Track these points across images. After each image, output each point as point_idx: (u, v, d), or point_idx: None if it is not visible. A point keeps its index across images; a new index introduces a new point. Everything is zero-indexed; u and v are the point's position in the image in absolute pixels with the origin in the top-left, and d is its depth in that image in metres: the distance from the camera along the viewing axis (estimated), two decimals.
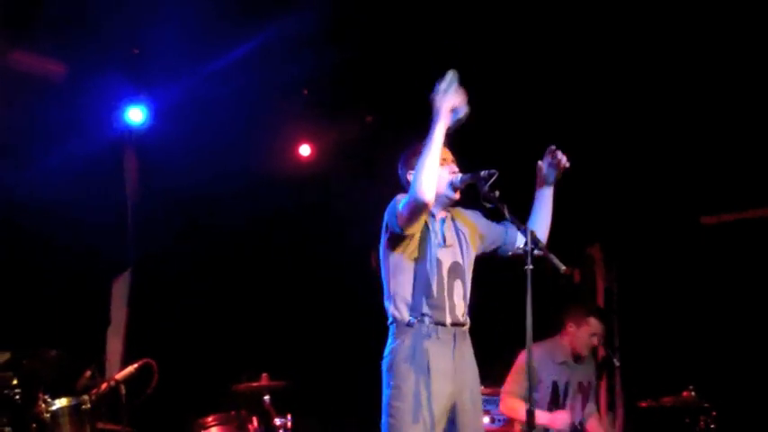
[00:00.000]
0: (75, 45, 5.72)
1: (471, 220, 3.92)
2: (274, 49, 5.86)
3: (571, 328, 5.26)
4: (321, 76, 6.27)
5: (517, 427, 5.34)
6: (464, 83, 3.57)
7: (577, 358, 5.27)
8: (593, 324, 5.25)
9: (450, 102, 3.51)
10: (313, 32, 5.71)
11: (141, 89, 6.29)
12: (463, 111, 3.55)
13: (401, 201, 3.63)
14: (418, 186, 3.50)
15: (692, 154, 6.18)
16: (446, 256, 3.72)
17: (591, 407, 5.37)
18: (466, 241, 3.83)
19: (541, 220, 3.89)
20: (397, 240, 3.69)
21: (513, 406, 5.09)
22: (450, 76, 3.54)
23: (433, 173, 3.53)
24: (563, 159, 3.78)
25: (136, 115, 6.33)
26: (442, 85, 3.53)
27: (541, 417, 4.90)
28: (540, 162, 3.85)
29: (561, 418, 5.04)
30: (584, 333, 5.24)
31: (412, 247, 3.68)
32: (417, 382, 3.54)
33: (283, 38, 5.74)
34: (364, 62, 6.09)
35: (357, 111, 6.85)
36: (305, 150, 7.21)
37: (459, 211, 3.92)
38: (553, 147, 3.78)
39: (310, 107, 6.74)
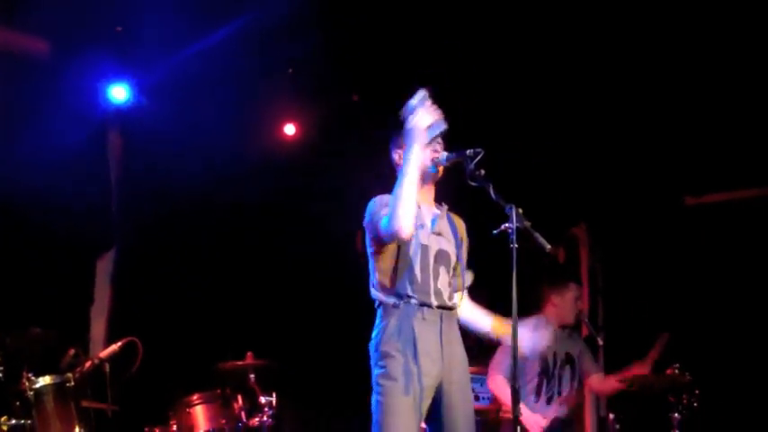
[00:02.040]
0: (59, 22, 5.66)
1: (465, 239, 3.90)
2: (260, 28, 5.82)
3: (556, 299, 5.36)
4: (307, 55, 6.24)
5: (504, 410, 5.39)
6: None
7: (564, 328, 5.34)
8: (574, 288, 5.42)
9: (424, 120, 3.43)
10: (299, 11, 5.67)
11: (125, 67, 6.25)
12: (441, 127, 3.46)
13: (383, 209, 3.58)
14: (395, 221, 3.44)
15: (676, 135, 6.20)
16: (433, 243, 3.70)
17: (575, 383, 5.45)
18: (459, 238, 3.83)
19: (477, 323, 3.89)
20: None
21: (500, 384, 5.14)
22: (421, 94, 3.46)
23: (411, 204, 3.46)
24: None
25: (119, 94, 6.29)
26: (413, 103, 3.45)
27: (522, 411, 4.92)
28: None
29: (537, 422, 5.08)
30: (568, 300, 5.37)
31: None
32: (404, 359, 3.53)
33: (269, 16, 5.70)
34: (351, 41, 6.06)
35: (343, 90, 6.82)
36: (290, 130, 7.17)
37: (462, 221, 3.92)
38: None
39: (296, 86, 6.71)
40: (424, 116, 3.44)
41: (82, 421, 4.69)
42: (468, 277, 3.86)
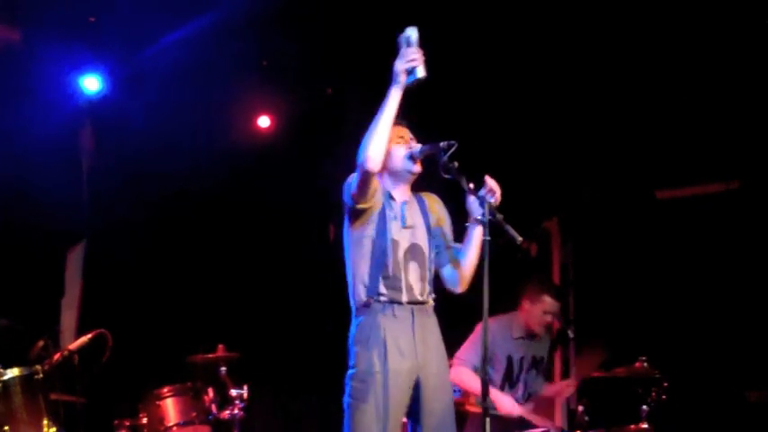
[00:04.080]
0: (31, 12, 5.61)
1: (443, 213, 3.89)
2: (234, 20, 5.80)
3: (526, 304, 5.27)
4: (281, 48, 6.23)
5: (471, 401, 5.38)
6: (426, 50, 3.51)
7: (532, 335, 5.30)
8: (548, 302, 5.23)
9: (405, 63, 3.41)
10: (274, 2, 5.66)
11: (98, 58, 6.20)
12: (420, 72, 3.41)
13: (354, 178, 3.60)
14: (364, 151, 3.45)
15: (647, 129, 6.24)
16: (404, 237, 3.70)
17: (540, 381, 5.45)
18: (430, 226, 3.82)
19: (465, 261, 3.77)
20: (354, 216, 3.66)
21: (463, 376, 5.10)
22: (409, 32, 3.45)
23: (382, 139, 3.46)
24: (495, 188, 3.54)
25: (92, 84, 6.25)
26: (402, 41, 3.43)
27: (492, 393, 4.84)
28: (470, 197, 3.61)
29: (508, 403, 5.07)
30: (537, 310, 5.22)
31: (370, 227, 3.65)
32: (374, 360, 3.54)
33: (244, 8, 5.68)
34: (325, 33, 6.04)
35: (317, 82, 6.81)
36: (264, 122, 7.15)
37: (435, 198, 3.91)
38: (487, 178, 3.56)
39: (270, 79, 6.68)
40: (405, 59, 3.41)
41: (50, 414, 4.64)
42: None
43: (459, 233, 3.88)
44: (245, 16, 5.77)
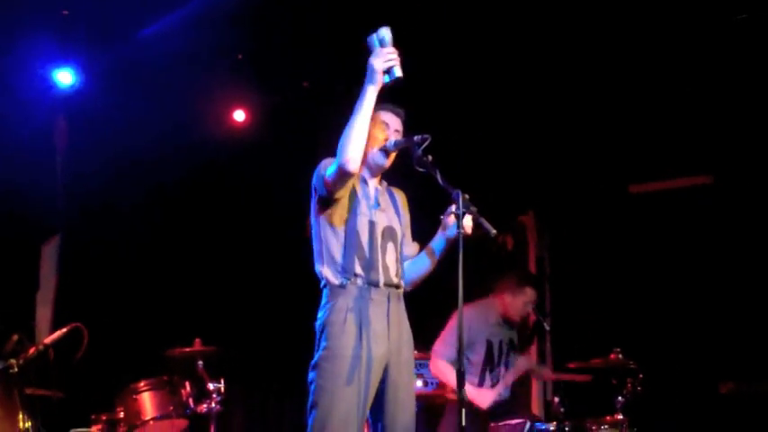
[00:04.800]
0: (3, 5, 5.57)
1: (406, 211, 3.90)
2: (209, 13, 5.77)
3: (507, 297, 5.36)
4: (257, 41, 6.21)
5: (449, 390, 5.42)
6: (402, 45, 3.51)
7: (508, 322, 5.38)
8: (529, 293, 5.39)
9: (382, 62, 3.39)
10: None
11: (71, 51, 6.16)
12: (398, 72, 3.40)
13: (328, 166, 3.58)
14: (343, 154, 3.44)
15: (621, 124, 6.28)
16: (380, 219, 3.71)
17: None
18: (400, 214, 3.84)
19: (421, 263, 3.81)
20: (325, 203, 3.64)
21: (443, 369, 5.16)
22: (383, 33, 3.43)
23: (360, 139, 3.45)
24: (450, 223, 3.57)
25: (65, 77, 6.21)
26: (376, 37, 3.42)
27: (468, 390, 4.92)
28: (443, 216, 3.65)
29: (485, 395, 5.13)
30: (519, 302, 5.37)
31: (342, 209, 3.64)
32: (349, 342, 3.51)
33: (218, 0, 5.66)
34: (301, 26, 6.03)
35: (293, 76, 6.80)
36: (239, 116, 7.13)
37: (404, 196, 3.92)
38: (452, 210, 3.52)
39: (245, 72, 6.66)
40: (382, 58, 3.39)
41: (26, 408, 4.61)
42: (414, 248, 3.86)
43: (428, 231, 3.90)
44: (220, 9, 5.74)
